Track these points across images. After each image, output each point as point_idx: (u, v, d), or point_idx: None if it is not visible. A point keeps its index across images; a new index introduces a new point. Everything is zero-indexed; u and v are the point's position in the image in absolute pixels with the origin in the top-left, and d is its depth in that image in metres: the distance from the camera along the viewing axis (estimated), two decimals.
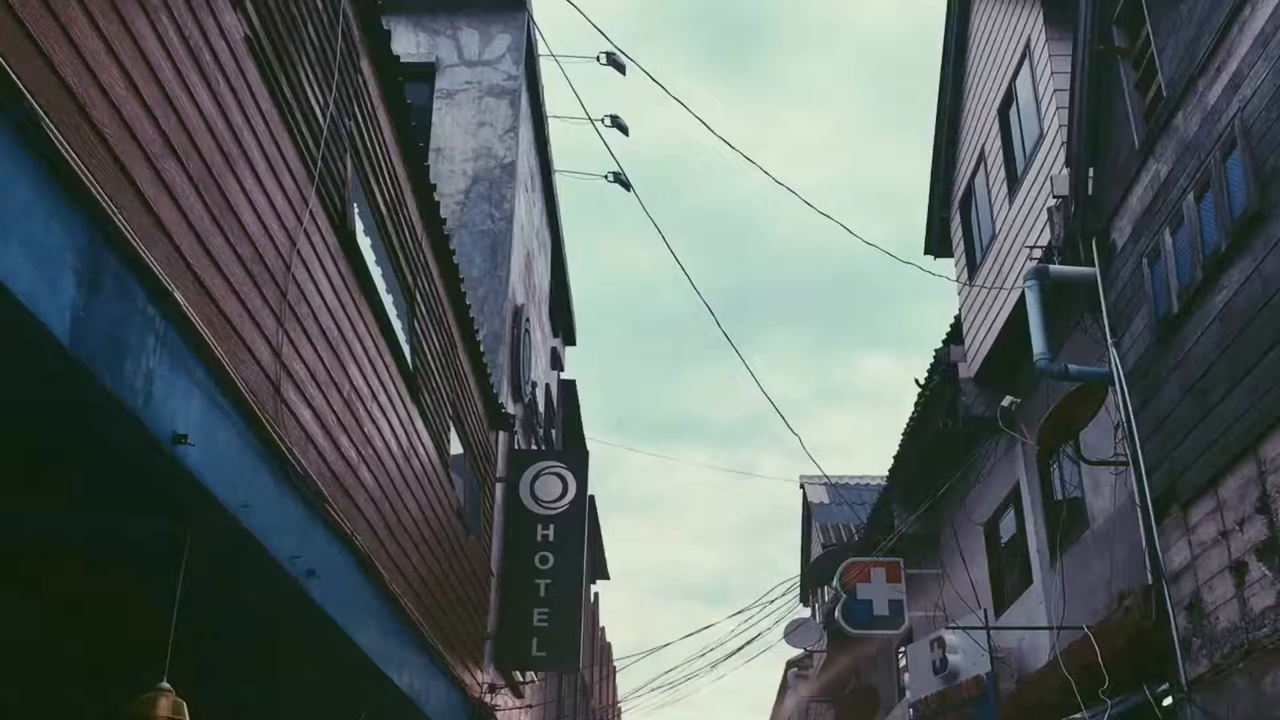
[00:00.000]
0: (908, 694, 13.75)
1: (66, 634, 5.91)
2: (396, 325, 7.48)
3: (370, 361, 6.76)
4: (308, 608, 5.49)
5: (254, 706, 7.20)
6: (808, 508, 24.46)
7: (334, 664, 6.49)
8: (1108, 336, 8.47)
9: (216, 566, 4.89)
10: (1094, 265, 8.78)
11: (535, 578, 12.30)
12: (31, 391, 3.65)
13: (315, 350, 5.67)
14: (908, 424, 13.40)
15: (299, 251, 5.38)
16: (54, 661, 6.21)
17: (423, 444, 8.28)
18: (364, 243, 6.72)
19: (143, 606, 5.32)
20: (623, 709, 32.69)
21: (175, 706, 4.16)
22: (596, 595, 26.56)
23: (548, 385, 17.53)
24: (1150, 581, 7.76)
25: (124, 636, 5.68)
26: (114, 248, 3.52)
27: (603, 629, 28.24)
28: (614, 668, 29.38)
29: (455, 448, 9.94)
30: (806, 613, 21.96)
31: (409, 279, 7.86)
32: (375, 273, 6.96)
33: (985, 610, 11.66)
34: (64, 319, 3.28)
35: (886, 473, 14.82)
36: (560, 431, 19.32)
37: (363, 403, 6.57)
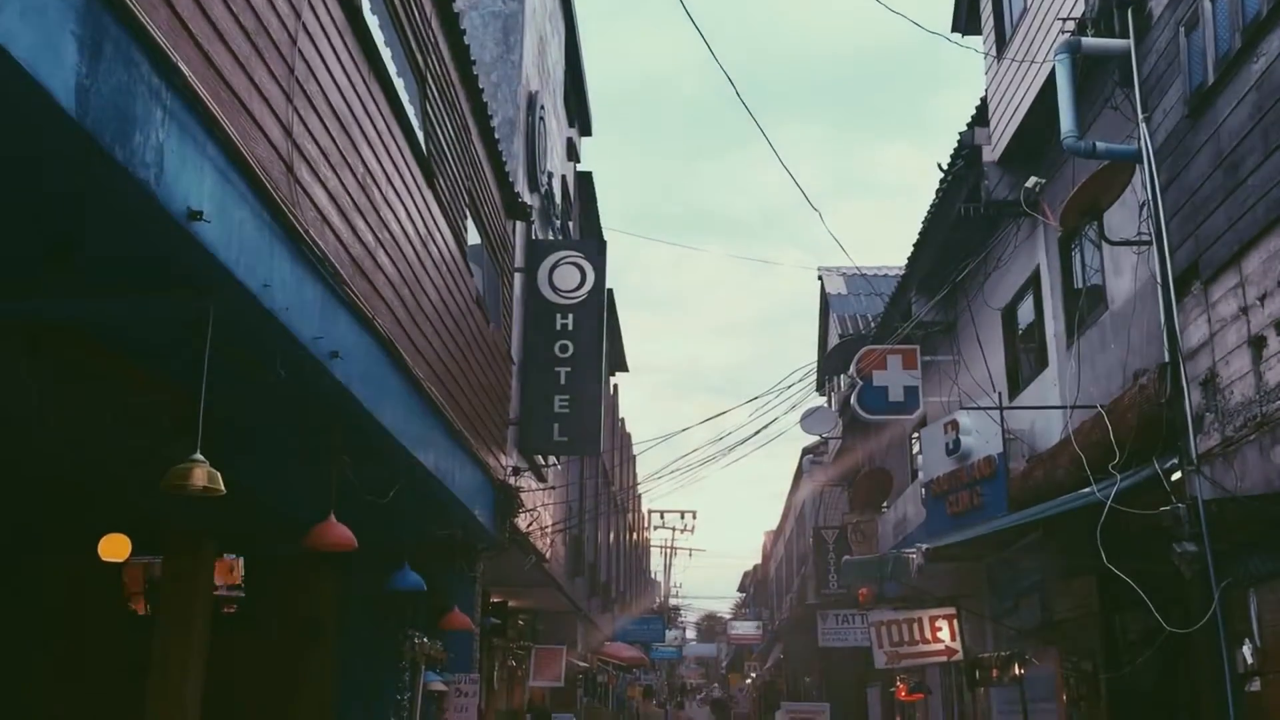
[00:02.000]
0: (920, 475, 14.12)
1: (105, 414, 6.07)
2: (409, 108, 7.31)
3: (383, 144, 6.65)
4: (333, 388, 5.59)
5: (285, 484, 7.46)
6: (825, 299, 24.50)
7: (361, 444, 6.66)
8: (1138, 111, 8.23)
9: (240, 348, 4.95)
10: (1129, 37, 8.45)
11: (555, 365, 12.50)
12: (41, 168, 3.60)
13: (327, 130, 5.56)
14: (928, 210, 13.21)
15: (304, 25, 5.20)
16: (92, 438, 6.40)
17: (440, 231, 8.24)
18: (371, 21, 6.50)
19: (173, 388, 5.43)
20: (641, 493, 33.80)
21: (210, 476, 4.29)
22: (616, 387, 27.02)
23: (564, 177, 17.30)
24: (1166, 360, 7.79)
25: (158, 416, 5.82)
26: (113, 12, 3.40)
27: (622, 419, 28.89)
28: (633, 455, 30.22)
29: (473, 237, 9.90)
30: (822, 401, 22.34)
31: (419, 60, 7.64)
32: (385, 53, 6.75)
33: (1000, 394, 11.80)
34: (68, 87, 3.19)
35: (905, 262, 14.74)
36: (577, 224, 19.20)
37: (378, 186, 6.50)
